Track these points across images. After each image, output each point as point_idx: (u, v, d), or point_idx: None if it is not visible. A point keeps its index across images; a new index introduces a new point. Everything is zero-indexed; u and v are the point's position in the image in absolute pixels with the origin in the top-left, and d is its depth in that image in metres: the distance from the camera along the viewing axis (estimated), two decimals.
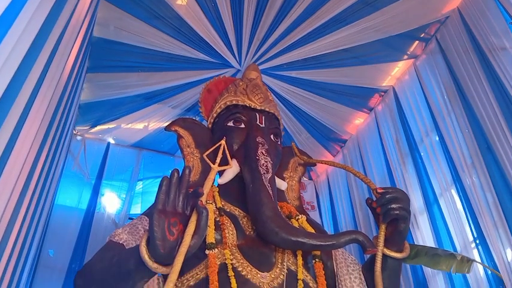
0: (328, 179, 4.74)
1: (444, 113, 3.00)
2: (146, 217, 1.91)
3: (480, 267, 2.45)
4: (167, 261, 1.32)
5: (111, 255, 1.61)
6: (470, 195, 2.59)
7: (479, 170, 2.53)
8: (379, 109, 3.98)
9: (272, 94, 2.54)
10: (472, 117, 2.71)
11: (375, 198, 1.81)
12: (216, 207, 1.98)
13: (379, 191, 1.80)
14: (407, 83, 3.63)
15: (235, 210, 2.02)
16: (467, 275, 2.41)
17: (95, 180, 3.89)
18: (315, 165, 2.77)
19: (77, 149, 3.96)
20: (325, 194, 4.75)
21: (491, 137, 2.48)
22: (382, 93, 3.97)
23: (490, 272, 2.38)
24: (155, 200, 1.35)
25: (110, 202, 3.92)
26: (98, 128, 4.14)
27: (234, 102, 2.29)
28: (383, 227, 1.83)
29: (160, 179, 1.38)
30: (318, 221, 4.57)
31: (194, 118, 2.48)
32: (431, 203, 2.92)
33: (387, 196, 1.76)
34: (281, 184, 2.20)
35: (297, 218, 2.08)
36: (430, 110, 3.19)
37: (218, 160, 1.95)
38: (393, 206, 1.74)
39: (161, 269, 1.34)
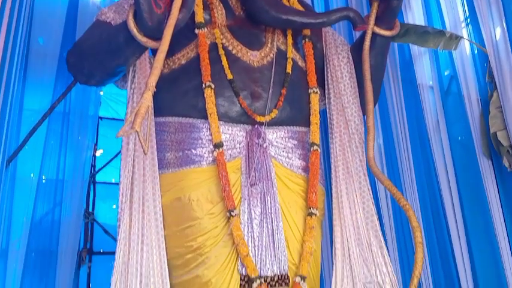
0: None
1: None
2: None
3: (467, 46, 2.47)
4: (156, 35, 1.32)
5: (100, 32, 1.62)
6: None
7: None
8: None
9: None
10: None
11: None
12: None
13: None
14: None
15: None
16: (453, 53, 2.45)
17: None
18: None
19: None
20: None
21: None
22: None
23: (476, 51, 2.41)
24: None
25: None
26: None
27: None
28: (375, 4, 1.80)
29: None
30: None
31: None
32: None
33: None
34: None
35: None
36: None
37: None
38: None
39: (151, 43, 1.35)
